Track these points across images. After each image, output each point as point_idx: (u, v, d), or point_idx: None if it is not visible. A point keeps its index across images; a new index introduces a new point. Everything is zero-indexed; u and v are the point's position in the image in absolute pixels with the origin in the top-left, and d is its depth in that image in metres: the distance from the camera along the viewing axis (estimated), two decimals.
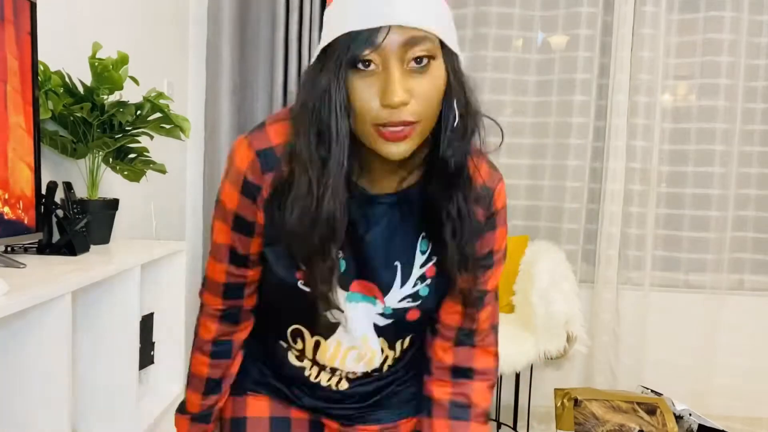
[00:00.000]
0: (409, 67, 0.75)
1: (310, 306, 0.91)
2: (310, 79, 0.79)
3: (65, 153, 1.64)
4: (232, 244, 0.95)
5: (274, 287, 0.98)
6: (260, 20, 2.70)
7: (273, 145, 0.87)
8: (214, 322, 1.04)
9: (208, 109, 2.72)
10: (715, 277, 2.93)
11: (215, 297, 1.03)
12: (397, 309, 0.96)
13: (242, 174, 0.88)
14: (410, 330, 1.01)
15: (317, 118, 0.78)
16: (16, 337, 1.17)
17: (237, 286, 1.00)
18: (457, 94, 0.84)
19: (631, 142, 2.86)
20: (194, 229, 2.91)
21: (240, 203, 0.90)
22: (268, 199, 0.88)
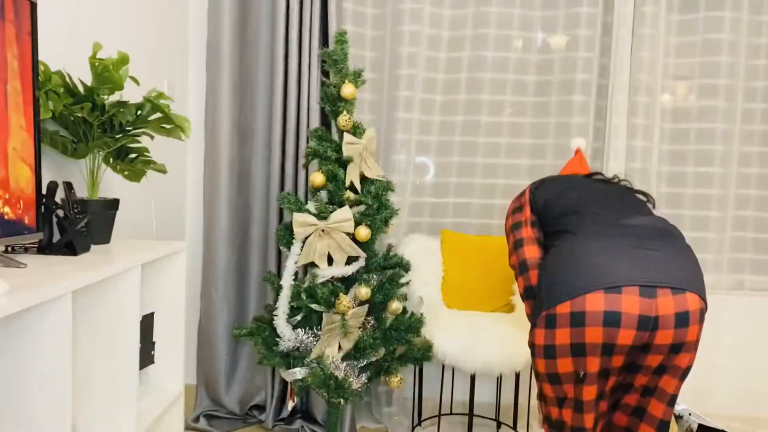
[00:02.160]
0: None
1: None
2: None
3: (65, 153, 1.64)
4: None
5: None
6: (260, 20, 2.70)
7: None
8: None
9: (208, 109, 2.72)
10: (715, 277, 2.93)
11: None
12: None
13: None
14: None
15: None
16: (16, 337, 1.17)
17: None
18: None
19: (630, 142, 2.86)
20: (194, 229, 2.91)
21: None
22: None
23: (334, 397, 2.27)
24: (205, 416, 2.70)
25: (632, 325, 1.31)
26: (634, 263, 1.34)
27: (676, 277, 1.34)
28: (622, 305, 1.31)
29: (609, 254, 1.36)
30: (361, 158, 2.35)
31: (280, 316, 2.33)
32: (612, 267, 1.34)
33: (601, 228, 1.44)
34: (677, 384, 1.43)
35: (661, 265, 1.34)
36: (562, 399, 1.43)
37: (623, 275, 1.32)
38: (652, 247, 1.39)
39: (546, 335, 1.39)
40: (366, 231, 2.27)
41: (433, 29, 2.90)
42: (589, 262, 1.35)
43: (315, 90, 2.61)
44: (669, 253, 1.38)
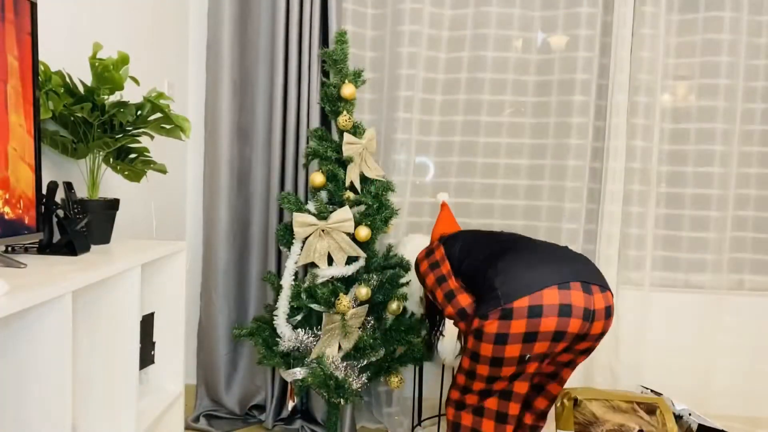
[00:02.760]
0: None
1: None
2: None
3: (66, 153, 1.64)
4: None
5: None
6: (260, 20, 2.70)
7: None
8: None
9: (208, 109, 2.72)
10: (715, 277, 2.93)
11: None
12: None
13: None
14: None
15: None
16: (16, 337, 1.17)
17: None
18: None
19: (630, 142, 2.86)
20: (194, 229, 2.91)
21: None
22: None
23: (334, 397, 2.27)
24: (205, 416, 2.70)
25: (579, 315, 1.60)
26: (572, 267, 1.66)
27: (597, 278, 1.67)
28: (572, 299, 1.59)
29: (550, 260, 1.68)
30: (361, 158, 2.35)
31: (280, 316, 2.33)
32: (558, 268, 1.64)
33: (535, 251, 1.73)
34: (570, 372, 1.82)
35: (587, 268, 1.68)
36: (493, 379, 1.69)
37: (568, 274, 1.62)
38: (577, 260, 1.71)
39: (500, 325, 1.62)
40: (366, 231, 2.27)
41: (433, 29, 2.90)
42: (537, 267, 1.64)
43: (315, 90, 2.61)
44: (588, 264, 1.72)
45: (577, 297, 1.60)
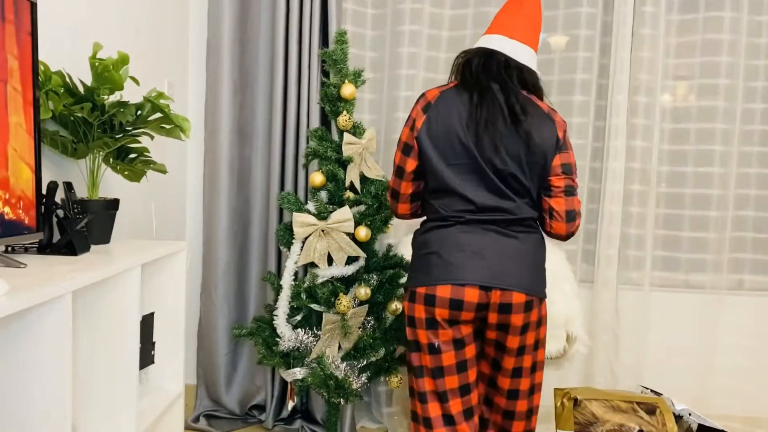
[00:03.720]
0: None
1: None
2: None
3: (66, 153, 1.64)
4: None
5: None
6: (260, 20, 2.70)
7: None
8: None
9: (208, 109, 2.72)
10: (714, 277, 2.93)
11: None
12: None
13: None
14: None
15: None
16: (16, 337, 1.17)
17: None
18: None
19: (630, 142, 2.86)
20: (194, 229, 2.91)
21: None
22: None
23: (334, 397, 2.27)
24: (205, 416, 2.70)
25: (471, 308, 1.65)
26: (477, 267, 1.65)
27: (504, 281, 1.65)
28: (465, 296, 1.64)
29: (461, 255, 1.67)
30: (361, 158, 2.35)
31: (280, 316, 2.33)
32: (460, 269, 1.65)
33: (465, 224, 1.70)
34: (513, 361, 1.72)
35: (496, 267, 1.65)
36: (420, 368, 1.73)
37: (468, 277, 1.64)
38: (490, 250, 1.67)
39: (409, 307, 1.72)
40: (366, 231, 2.27)
41: (433, 29, 2.90)
42: (444, 261, 1.67)
43: (315, 90, 2.61)
44: (505, 257, 1.67)
45: (470, 294, 1.64)
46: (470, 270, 1.64)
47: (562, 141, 1.70)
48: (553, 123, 1.69)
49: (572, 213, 1.71)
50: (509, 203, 1.67)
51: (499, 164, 1.64)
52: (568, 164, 1.70)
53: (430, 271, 1.68)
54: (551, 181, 1.70)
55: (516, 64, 1.72)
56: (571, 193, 1.71)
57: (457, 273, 1.64)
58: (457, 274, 1.64)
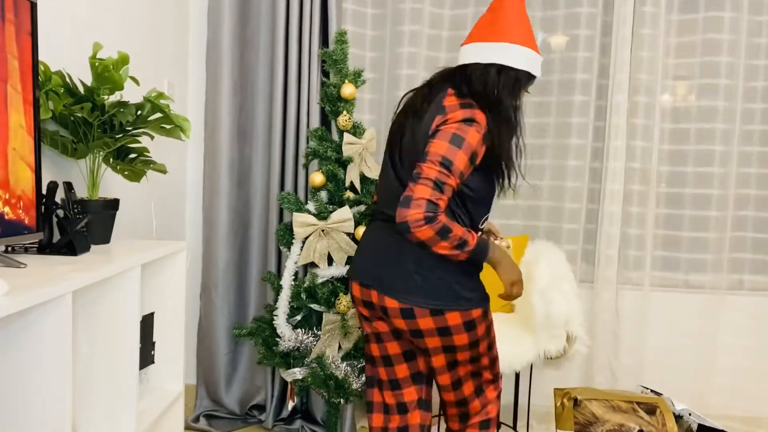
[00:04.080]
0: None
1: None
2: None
3: (66, 153, 1.64)
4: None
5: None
6: (260, 20, 2.70)
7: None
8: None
9: (208, 109, 2.72)
10: (714, 277, 2.93)
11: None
12: None
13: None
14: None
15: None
16: (16, 337, 1.17)
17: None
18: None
19: (630, 142, 2.86)
20: (194, 229, 2.91)
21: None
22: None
23: (334, 397, 2.27)
24: (205, 416, 2.70)
25: (360, 304, 1.71)
26: (365, 264, 1.70)
27: (383, 284, 1.64)
28: (353, 290, 1.73)
29: (360, 250, 1.74)
30: (361, 158, 2.35)
31: (280, 316, 2.33)
32: (356, 263, 1.73)
33: (375, 222, 1.74)
34: (429, 361, 1.71)
35: (375, 270, 1.66)
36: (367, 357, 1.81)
37: (356, 271, 1.71)
38: (381, 256, 1.66)
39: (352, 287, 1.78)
40: None
41: (433, 29, 2.90)
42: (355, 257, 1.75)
43: (315, 90, 2.61)
44: (387, 260, 1.65)
45: (355, 289, 1.72)
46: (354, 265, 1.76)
47: (438, 128, 1.55)
48: (441, 112, 1.58)
49: (407, 199, 1.47)
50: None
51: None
52: (433, 152, 1.50)
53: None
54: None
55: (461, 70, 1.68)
56: (417, 179, 1.48)
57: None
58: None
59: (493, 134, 1.58)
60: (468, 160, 1.53)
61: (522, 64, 1.63)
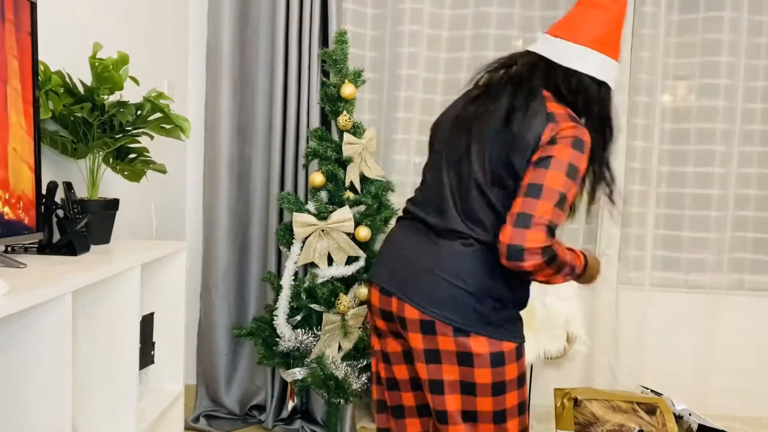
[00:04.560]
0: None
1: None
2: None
3: (65, 153, 1.64)
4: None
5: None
6: (260, 20, 2.70)
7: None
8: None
9: (208, 109, 2.72)
10: (715, 277, 2.93)
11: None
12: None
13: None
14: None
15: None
16: (16, 337, 1.17)
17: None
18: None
19: (630, 142, 2.86)
20: (194, 229, 2.91)
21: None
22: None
23: (334, 397, 2.27)
24: (205, 416, 2.70)
25: (377, 314, 1.49)
26: (389, 268, 1.47)
27: (406, 291, 1.42)
28: (371, 297, 1.51)
29: (384, 257, 1.51)
30: (361, 158, 2.35)
31: (280, 316, 2.33)
32: (380, 266, 1.50)
33: (409, 225, 1.51)
34: (430, 398, 1.43)
35: (404, 276, 1.43)
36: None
37: (377, 275, 1.49)
38: (396, 263, 1.46)
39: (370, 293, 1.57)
40: (366, 231, 2.27)
41: (433, 29, 2.90)
42: (378, 262, 1.52)
43: (315, 90, 2.61)
44: (417, 267, 1.42)
45: (375, 297, 1.49)
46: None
47: (550, 144, 1.32)
48: (551, 119, 1.34)
49: (517, 250, 1.28)
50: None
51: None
52: (551, 187, 1.30)
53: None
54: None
55: (550, 64, 1.44)
56: (529, 221, 1.29)
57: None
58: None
59: (599, 155, 1.43)
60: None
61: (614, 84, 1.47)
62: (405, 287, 1.41)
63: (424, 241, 1.43)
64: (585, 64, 1.41)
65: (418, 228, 1.47)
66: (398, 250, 1.48)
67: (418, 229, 1.46)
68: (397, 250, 1.48)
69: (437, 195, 1.45)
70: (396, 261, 1.46)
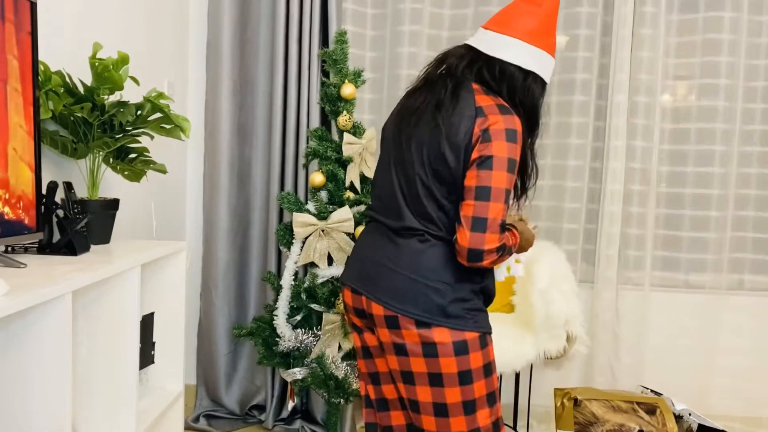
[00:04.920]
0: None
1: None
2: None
3: (65, 153, 1.64)
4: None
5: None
6: (260, 20, 2.70)
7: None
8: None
9: (208, 109, 2.72)
10: (715, 277, 2.93)
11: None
12: None
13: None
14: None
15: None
16: (16, 337, 1.17)
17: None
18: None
19: (631, 142, 2.86)
20: (194, 229, 2.91)
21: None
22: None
23: (334, 397, 2.27)
24: (205, 416, 2.70)
25: (351, 312, 1.56)
26: (357, 270, 1.54)
27: (371, 289, 1.48)
28: (344, 297, 1.57)
29: (354, 256, 1.57)
30: (361, 158, 2.35)
31: (280, 316, 2.33)
32: (348, 269, 1.57)
33: (372, 228, 1.58)
34: (403, 388, 1.49)
35: (370, 275, 1.50)
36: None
37: (349, 276, 1.55)
38: (365, 263, 1.53)
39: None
40: None
41: (433, 29, 2.90)
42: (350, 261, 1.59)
43: (315, 90, 2.61)
44: (380, 265, 1.49)
45: (347, 296, 1.56)
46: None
47: (482, 139, 1.36)
48: (479, 114, 1.37)
49: (477, 253, 1.35)
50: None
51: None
52: (498, 188, 1.35)
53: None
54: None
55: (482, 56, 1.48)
56: (484, 225, 1.35)
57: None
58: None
59: (525, 145, 1.47)
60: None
61: (548, 78, 1.54)
62: (370, 286, 1.48)
63: (385, 242, 1.50)
64: (509, 53, 1.45)
65: (380, 230, 1.53)
66: (363, 251, 1.54)
67: (380, 231, 1.53)
68: (362, 251, 1.55)
69: (390, 196, 1.51)
70: (362, 262, 1.53)
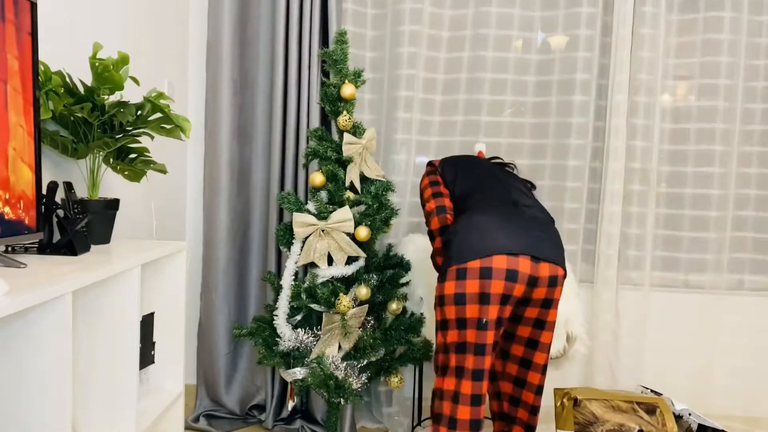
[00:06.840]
0: None
1: None
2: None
3: (66, 153, 1.64)
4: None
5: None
6: (260, 19, 2.70)
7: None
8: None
9: (208, 109, 2.72)
10: (714, 277, 2.93)
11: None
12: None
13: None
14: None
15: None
16: (16, 337, 1.17)
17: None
18: None
19: (630, 142, 2.86)
20: (194, 229, 2.91)
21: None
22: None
23: (334, 397, 2.27)
24: (205, 416, 2.70)
25: (524, 281, 1.77)
26: (525, 240, 1.80)
27: (549, 254, 1.82)
28: (519, 266, 1.77)
29: (507, 227, 1.82)
30: (361, 158, 2.35)
31: (280, 316, 2.33)
32: (511, 238, 1.79)
33: (499, 207, 1.90)
34: (550, 335, 1.92)
35: (544, 243, 1.83)
36: (463, 345, 1.78)
37: (519, 247, 1.78)
38: (538, 229, 1.85)
39: (456, 285, 1.77)
40: (366, 231, 2.27)
41: (433, 29, 2.90)
42: (493, 234, 1.79)
43: (315, 90, 2.61)
44: (545, 235, 1.86)
45: (524, 265, 1.77)
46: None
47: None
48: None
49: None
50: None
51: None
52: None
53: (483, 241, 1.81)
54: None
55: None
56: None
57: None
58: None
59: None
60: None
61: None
62: (555, 252, 1.86)
63: (541, 217, 1.95)
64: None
65: (522, 211, 1.94)
66: (521, 224, 1.85)
67: (525, 212, 1.94)
68: (523, 224, 1.85)
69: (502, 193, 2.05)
70: (531, 232, 1.84)
